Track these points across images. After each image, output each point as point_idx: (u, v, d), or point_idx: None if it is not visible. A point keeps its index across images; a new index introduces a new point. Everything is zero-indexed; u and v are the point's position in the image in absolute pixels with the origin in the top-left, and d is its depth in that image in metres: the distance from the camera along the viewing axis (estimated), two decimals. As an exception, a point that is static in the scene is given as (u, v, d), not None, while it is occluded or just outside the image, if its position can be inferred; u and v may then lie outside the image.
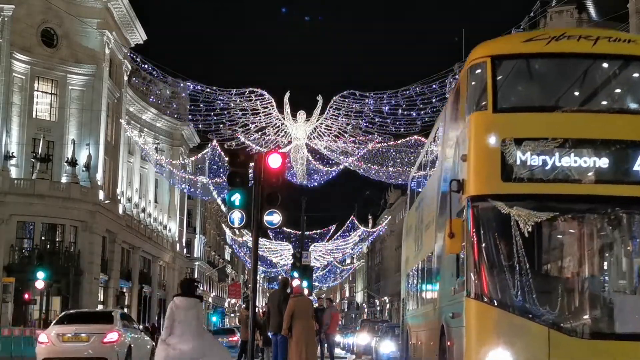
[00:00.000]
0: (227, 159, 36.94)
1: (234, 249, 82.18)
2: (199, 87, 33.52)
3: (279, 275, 70.37)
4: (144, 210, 60.44)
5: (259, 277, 63.47)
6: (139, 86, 53.87)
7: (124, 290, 54.46)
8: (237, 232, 63.30)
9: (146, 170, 59.70)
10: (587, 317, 9.40)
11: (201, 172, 44.98)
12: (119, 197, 52.53)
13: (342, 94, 34.12)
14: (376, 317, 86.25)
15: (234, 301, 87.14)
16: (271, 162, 14.70)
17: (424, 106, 31.64)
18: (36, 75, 46.34)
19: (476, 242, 9.58)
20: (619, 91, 10.55)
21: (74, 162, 46.00)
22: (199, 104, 33.86)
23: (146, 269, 60.87)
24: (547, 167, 9.62)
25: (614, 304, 9.47)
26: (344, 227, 64.33)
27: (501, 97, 10.09)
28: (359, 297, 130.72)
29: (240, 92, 33.86)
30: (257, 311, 18.81)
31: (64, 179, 46.17)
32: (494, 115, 9.90)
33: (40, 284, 37.11)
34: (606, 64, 10.44)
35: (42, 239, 45.46)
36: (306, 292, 28.60)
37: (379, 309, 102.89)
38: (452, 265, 10.77)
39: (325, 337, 21.63)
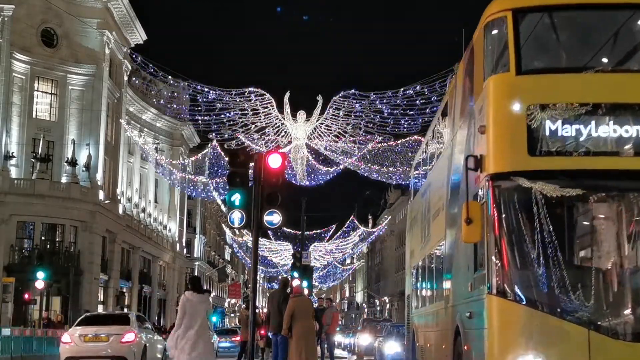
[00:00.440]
0: (227, 159, 37.14)
1: (234, 249, 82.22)
2: (199, 87, 33.53)
3: (278, 275, 70.40)
4: (144, 210, 60.44)
5: (259, 277, 63.44)
6: (139, 86, 53.86)
7: (124, 290, 54.48)
8: (237, 232, 63.32)
9: (146, 170, 59.70)
10: (632, 316, 8.03)
11: (201, 172, 44.96)
12: (119, 197, 52.53)
13: (342, 93, 34.15)
14: (377, 317, 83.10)
15: (234, 301, 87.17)
16: (271, 162, 14.69)
17: (424, 106, 31.67)
18: (36, 75, 46.32)
19: (498, 229, 8.26)
20: None
21: (74, 162, 45.98)
22: (199, 104, 33.88)
23: (146, 269, 60.89)
24: (582, 138, 8.29)
25: None
26: (344, 227, 64.35)
27: (525, 56, 8.70)
28: (359, 297, 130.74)
29: (240, 92, 33.88)
30: (257, 311, 18.80)
31: (64, 179, 46.16)
32: (517, 77, 8.58)
33: (40, 284, 37.12)
34: None
35: (42, 239, 45.45)
36: (306, 292, 28.58)
37: (379, 309, 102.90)
38: (468, 256, 9.48)
39: (325, 337, 21.63)
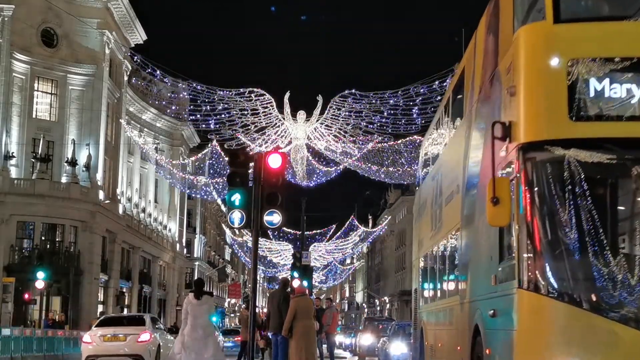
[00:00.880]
0: (227, 159, 37.18)
1: (234, 249, 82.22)
2: (199, 87, 33.52)
3: (277, 274, 70.40)
4: (144, 210, 60.44)
5: (259, 277, 63.43)
6: (139, 86, 53.84)
7: (124, 290, 54.48)
8: (237, 232, 63.31)
9: (146, 170, 59.70)
10: None
11: (201, 172, 44.96)
12: (119, 197, 52.53)
13: (342, 94, 34.14)
14: (381, 316, 79.76)
15: (234, 301, 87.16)
16: (271, 162, 14.67)
17: (424, 106, 31.67)
18: (36, 75, 46.30)
19: (532, 209, 6.87)
20: None
21: (74, 162, 45.96)
22: (199, 104, 33.88)
23: (146, 269, 60.89)
24: (634, 100, 6.91)
25: None
26: (344, 227, 64.35)
27: (565, 0, 7.28)
28: (359, 297, 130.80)
29: (240, 92, 33.87)
30: (257, 311, 18.81)
31: (64, 179, 46.15)
32: (555, 26, 7.11)
33: (40, 284, 37.15)
34: None
35: (42, 239, 45.44)
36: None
37: (378, 309, 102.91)
38: (491, 243, 8.04)
39: (325, 337, 21.65)
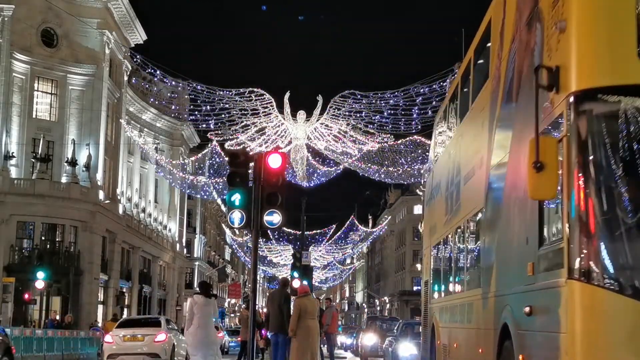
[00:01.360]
0: (227, 159, 37.18)
1: (234, 249, 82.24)
2: (199, 87, 33.54)
3: (276, 273, 70.45)
4: (144, 210, 60.41)
5: (259, 277, 63.46)
6: (139, 86, 53.84)
7: (124, 290, 54.45)
8: (237, 232, 63.34)
9: (146, 170, 59.68)
10: None
11: (201, 172, 44.97)
12: (119, 197, 52.51)
13: (342, 94, 34.20)
14: (384, 315, 76.39)
15: (234, 301, 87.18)
16: (271, 162, 14.65)
17: (424, 106, 31.69)
18: (36, 75, 46.27)
19: (587, 178, 5.43)
20: None
21: (74, 162, 45.94)
22: (199, 104, 33.90)
23: (146, 269, 60.85)
24: None
25: None
26: (344, 227, 64.41)
27: None
28: (359, 297, 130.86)
29: (240, 92, 33.90)
30: (257, 311, 18.82)
31: (64, 179, 46.13)
32: None
33: (40, 284, 37.13)
34: None
35: (42, 239, 45.41)
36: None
37: (379, 308, 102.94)
38: (528, 223, 6.49)
39: (326, 337, 21.67)
